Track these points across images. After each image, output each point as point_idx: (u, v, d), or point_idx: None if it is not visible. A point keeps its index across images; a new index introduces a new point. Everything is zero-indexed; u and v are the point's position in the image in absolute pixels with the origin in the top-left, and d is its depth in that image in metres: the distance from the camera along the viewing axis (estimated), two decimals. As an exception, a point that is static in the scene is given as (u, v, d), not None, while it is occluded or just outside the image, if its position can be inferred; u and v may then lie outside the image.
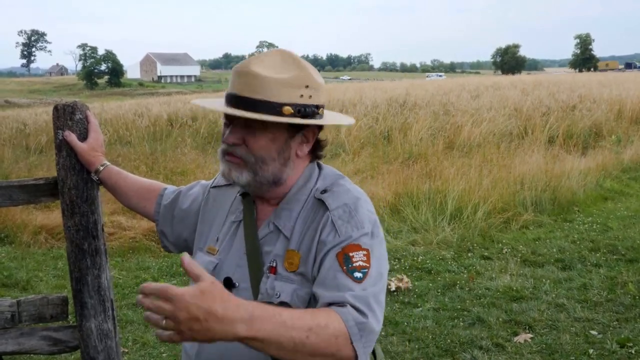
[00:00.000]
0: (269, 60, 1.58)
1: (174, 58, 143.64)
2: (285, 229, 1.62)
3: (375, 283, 1.49)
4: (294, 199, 1.65)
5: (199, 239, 1.83)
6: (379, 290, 1.50)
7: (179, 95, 37.19)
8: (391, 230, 7.19)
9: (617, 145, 12.25)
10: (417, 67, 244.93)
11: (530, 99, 17.13)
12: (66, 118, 2.01)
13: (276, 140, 1.59)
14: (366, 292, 1.45)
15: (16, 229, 7.35)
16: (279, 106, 1.53)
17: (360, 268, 1.48)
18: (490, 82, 29.89)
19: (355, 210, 1.57)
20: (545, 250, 6.47)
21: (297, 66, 1.58)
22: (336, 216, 1.56)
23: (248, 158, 1.59)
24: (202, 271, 1.26)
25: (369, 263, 1.50)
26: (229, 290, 1.54)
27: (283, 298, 1.55)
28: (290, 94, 1.54)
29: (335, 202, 1.59)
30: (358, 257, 1.50)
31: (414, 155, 10.78)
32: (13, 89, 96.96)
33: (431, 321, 4.79)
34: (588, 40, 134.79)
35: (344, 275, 1.47)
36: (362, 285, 1.46)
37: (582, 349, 4.25)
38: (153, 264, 6.43)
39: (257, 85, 1.53)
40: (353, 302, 1.42)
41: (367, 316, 1.42)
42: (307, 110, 1.56)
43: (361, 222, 1.55)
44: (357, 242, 1.52)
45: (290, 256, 1.59)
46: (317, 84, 1.60)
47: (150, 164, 10.86)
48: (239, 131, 1.59)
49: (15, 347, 2.10)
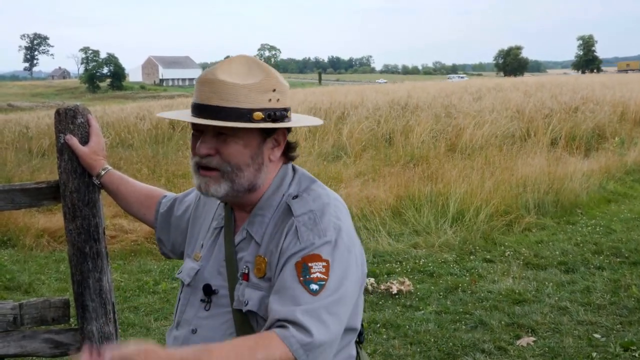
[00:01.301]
0: (235, 67, 1.58)
1: (175, 61, 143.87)
2: (257, 234, 1.63)
3: (331, 294, 1.48)
4: (266, 204, 1.65)
5: (188, 245, 1.85)
6: (335, 301, 1.48)
7: (181, 98, 37.29)
8: (393, 233, 7.18)
9: (621, 147, 12.24)
10: (419, 69, 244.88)
11: (533, 101, 17.10)
12: (68, 122, 2.02)
13: (249, 146, 1.59)
14: (319, 304, 1.45)
15: (19, 232, 7.36)
16: (249, 112, 1.53)
17: (317, 280, 1.48)
18: (493, 84, 29.88)
19: (320, 217, 1.56)
20: (548, 253, 6.45)
21: (263, 71, 1.58)
22: (300, 222, 1.55)
23: (224, 167, 1.59)
24: (130, 348, 1.38)
25: (328, 275, 1.49)
26: (208, 296, 1.63)
27: (250, 306, 1.56)
28: (259, 99, 1.55)
29: (301, 208, 1.58)
30: (317, 268, 1.49)
31: (415, 158, 10.77)
32: (16, 92, 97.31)
33: (433, 324, 4.77)
34: (591, 42, 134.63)
35: (299, 287, 1.47)
36: (317, 297, 1.46)
37: (585, 353, 4.23)
38: (155, 267, 6.43)
39: (225, 92, 1.53)
40: (301, 320, 1.43)
41: (312, 333, 1.42)
42: (276, 114, 1.57)
43: (324, 229, 1.54)
44: (318, 251, 1.51)
45: (259, 262, 1.60)
46: (283, 87, 1.60)
47: (152, 167, 10.88)
48: (211, 141, 1.59)
49: (18, 349, 2.10)
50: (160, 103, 27.38)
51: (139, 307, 5.35)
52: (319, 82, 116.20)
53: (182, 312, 1.71)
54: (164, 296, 5.59)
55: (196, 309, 1.67)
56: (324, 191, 1.64)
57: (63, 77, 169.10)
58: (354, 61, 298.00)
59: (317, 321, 1.44)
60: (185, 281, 1.73)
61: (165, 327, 4.88)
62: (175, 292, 5.63)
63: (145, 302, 5.47)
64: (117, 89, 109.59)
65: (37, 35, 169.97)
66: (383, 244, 6.82)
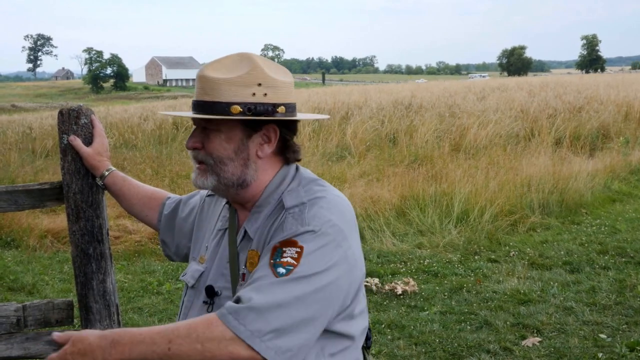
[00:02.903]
0: (223, 62, 1.60)
1: (179, 62, 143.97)
2: (251, 231, 1.62)
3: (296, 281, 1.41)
4: (265, 202, 1.64)
5: (193, 248, 1.84)
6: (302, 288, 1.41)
7: (184, 99, 37.31)
8: (397, 233, 7.17)
9: (625, 147, 12.20)
10: (423, 69, 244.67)
11: (537, 101, 17.07)
12: (71, 122, 2.00)
13: (231, 140, 1.59)
14: (276, 283, 1.40)
15: (22, 233, 7.36)
16: (227, 106, 1.54)
17: (286, 264, 1.44)
18: (497, 84, 29.83)
19: (309, 208, 1.53)
20: (552, 253, 6.43)
21: (249, 65, 1.57)
22: (290, 214, 1.54)
23: (207, 160, 1.61)
24: (66, 334, 1.50)
25: (298, 262, 1.44)
26: (211, 298, 1.62)
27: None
28: (240, 93, 1.54)
29: (293, 201, 1.57)
30: (289, 253, 1.45)
31: (419, 158, 10.75)
32: (19, 93, 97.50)
33: (438, 325, 4.76)
34: (595, 42, 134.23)
35: (267, 269, 1.44)
36: (278, 279, 1.41)
37: (591, 353, 4.21)
38: (159, 268, 6.42)
39: (208, 87, 1.56)
40: (241, 294, 1.40)
41: (245, 302, 1.38)
42: (258, 108, 1.55)
43: (310, 219, 1.50)
44: (296, 238, 1.47)
45: (251, 256, 1.59)
46: (272, 82, 1.57)
47: (155, 168, 10.88)
48: (197, 135, 1.62)
49: (21, 351, 2.09)
50: (163, 103, 27.44)
51: (143, 307, 5.34)
52: (323, 82, 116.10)
53: (185, 315, 1.70)
54: (168, 297, 5.58)
55: (199, 311, 1.65)
56: (322, 187, 1.61)
57: (66, 78, 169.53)
58: (357, 61, 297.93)
59: (259, 292, 1.39)
60: (189, 283, 1.72)
61: (169, 327, 4.87)
62: (178, 293, 5.64)
63: (149, 302, 5.46)
64: (120, 89, 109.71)
65: (41, 36, 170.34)
66: (387, 244, 6.80)
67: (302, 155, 1.70)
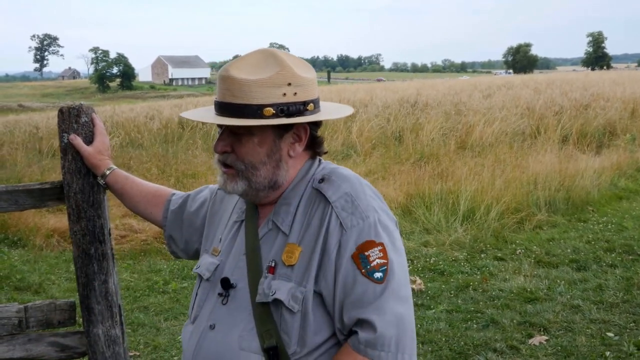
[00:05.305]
0: (248, 62, 1.54)
1: (185, 61, 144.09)
2: (284, 224, 1.58)
3: (394, 275, 1.48)
4: (291, 194, 1.61)
5: (205, 241, 1.81)
6: (400, 278, 1.50)
7: (190, 98, 37.35)
8: (403, 231, 7.13)
9: (632, 144, 12.12)
10: (428, 67, 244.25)
11: (543, 98, 16.99)
12: (71, 121, 1.98)
13: (263, 143, 1.55)
14: (388, 293, 1.46)
15: (29, 232, 7.37)
16: (259, 108, 1.49)
17: (379, 267, 1.46)
18: (502, 82, 29.73)
19: (357, 198, 1.52)
20: (559, 251, 6.39)
21: (278, 64, 1.52)
22: (339, 208, 1.51)
23: (238, 165, 1.57)
24: None
25: (387, 258, 1.47)
26: (226, 290, 1.59)
27: (278, 295, 1.51)
28: (271, 94, 1.50)
29: (336, 192, 1.54)
30: (374, 254, 1.47)
31: (425, 156, 10.71)
32: (26, 93, 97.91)
33: (444, 323, 4.73)
34: (600, 39, 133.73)
35: (364, 279, 1.46)
36: (383, 285, 1.46)
37: (598, 351, 4.18)
38: (164, 267, 6.41)
39: (236, 89, 1.50)
40: (369, 317, 1.45)
41: (376, 327, 1.45)
42: (291, 109, 1.52)
43: (365, 210, 1.51)
44: (369, 236, 1.48)
45: (290, 249, 1.55)
46: (301, 80, 1.54)
47: (161, 167, 10.89)
48: (227, 138, 1.57)
49: (23, 353, 2.08)
50: (169, 102, 27.40)
51: (149, 307, 5.34)
52: (328, 81, 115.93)
53: (199, 307, 1.66)
54: (174, 296, 5.57)
55: (214, 303, 1.62)
56: (349, 172, 1.61)
57: (73, 77, 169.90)
58: (363, 59, 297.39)
59: (382, 314, 1.45)
60: (204, 276, 1.68)
61: (175, 327, 4.87)
62: (184, 292, 5.63)
63: (155, 301, 5.45)
64: (126, 88, 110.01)
65: (47, 36, 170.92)
66: (393, 242, 6.77)
67: (326, 148, 1.70)
